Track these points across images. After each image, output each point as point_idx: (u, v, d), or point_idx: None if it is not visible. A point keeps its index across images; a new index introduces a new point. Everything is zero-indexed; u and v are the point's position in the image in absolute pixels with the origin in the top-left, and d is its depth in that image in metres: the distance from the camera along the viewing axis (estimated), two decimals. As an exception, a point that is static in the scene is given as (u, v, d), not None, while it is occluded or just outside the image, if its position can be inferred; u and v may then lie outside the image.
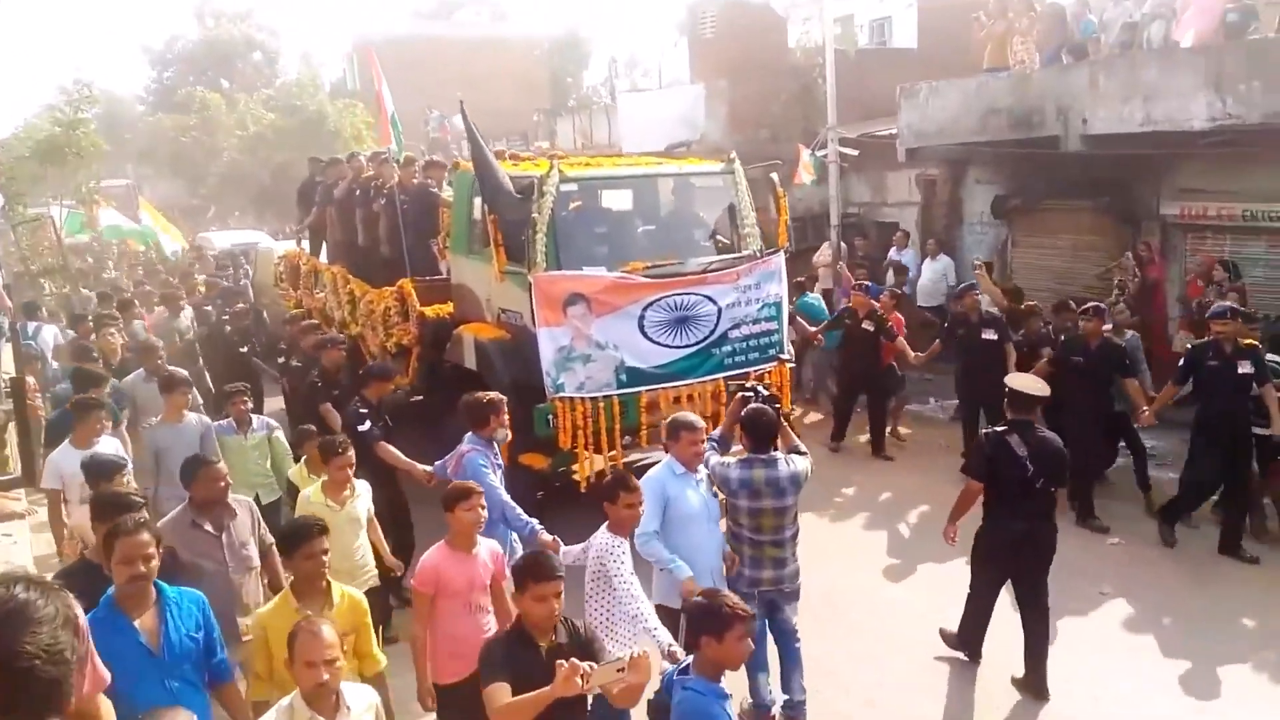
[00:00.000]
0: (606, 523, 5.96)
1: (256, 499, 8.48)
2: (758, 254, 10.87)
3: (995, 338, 11.53)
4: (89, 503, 6.05)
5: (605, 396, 10.15)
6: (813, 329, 13.47)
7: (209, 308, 14.83)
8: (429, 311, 11.76)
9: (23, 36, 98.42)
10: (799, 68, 24.00)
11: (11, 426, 10.82)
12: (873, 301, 13.08)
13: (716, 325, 10.57)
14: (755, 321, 10.83)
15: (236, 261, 20.05)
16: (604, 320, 10.12)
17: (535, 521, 7.05)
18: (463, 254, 11.47)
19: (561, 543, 6.71)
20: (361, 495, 7.23)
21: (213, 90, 44.12)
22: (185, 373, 9.09)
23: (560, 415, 10.04)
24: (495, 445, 7.68)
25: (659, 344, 10.36)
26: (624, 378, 10.25)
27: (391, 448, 8.75)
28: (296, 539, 5.32)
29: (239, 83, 47.90)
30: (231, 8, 50.35)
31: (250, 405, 9.13)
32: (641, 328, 10.28)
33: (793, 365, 11.24)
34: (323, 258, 15.07)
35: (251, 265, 19.32)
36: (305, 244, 15.63)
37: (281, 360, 11.95)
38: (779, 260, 11.02)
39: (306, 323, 11.96)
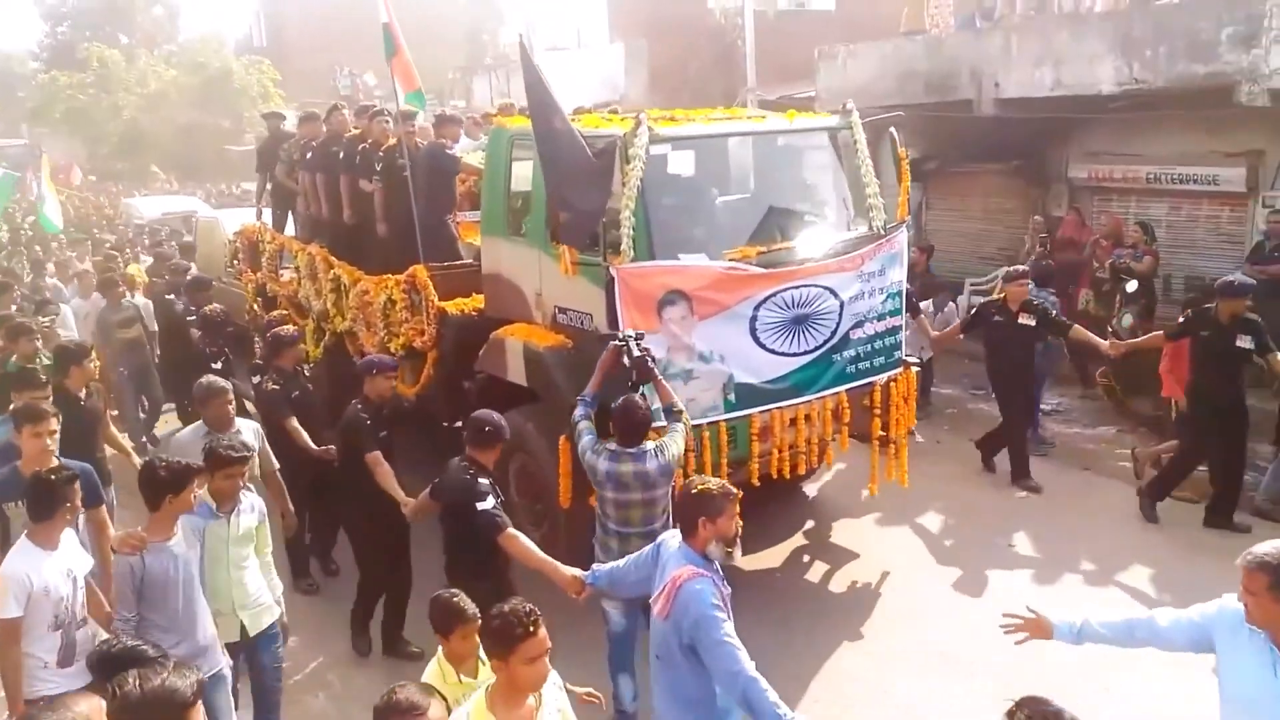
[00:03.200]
0: None
1: (243, 630, 5.38)
2: (880, 232, 8.12)
3: (1252, 346, 8.08)
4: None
5: (711, 423, 7.38)
6: (936, 331, 10.09)
7: (171, 297, 11.17)
8: (451, 307, 8.76)
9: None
10: (719, 29, 23.06)
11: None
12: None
13: (838, 325, 7.69)
14: (879, 318, 7.94)
15: (176, 235, 16.11)
16: (709, 324, 7.19)
17: (789, 712, 3.92)
18: (500, 235, 8.24)
19: None
20: (551, 694, 3.81)
21: (111, 46, 39.94)
22: (188, 462, 4.99)
23: (655, 450, 7.23)
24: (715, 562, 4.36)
25: (773, 352, 7.46)
26: (733, 398, 7.32)
27: (523, 539, 5.41)
28: None
29: (139, 38, 43.56)
30: (130, -41, 45.64)
31: (245, 477, 5.45)
32: (753, 332, 7.38)
33: (919, 368, 8.51)
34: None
35: (192, 239, 15.63)
36: (266, 216, 12.35)
37: (257, 379, 8.45)
38: (902, 239, 8.17)
39: (285, 330, 8.31)
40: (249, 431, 6.66)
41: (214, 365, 9.04)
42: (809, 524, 8.80)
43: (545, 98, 7.06)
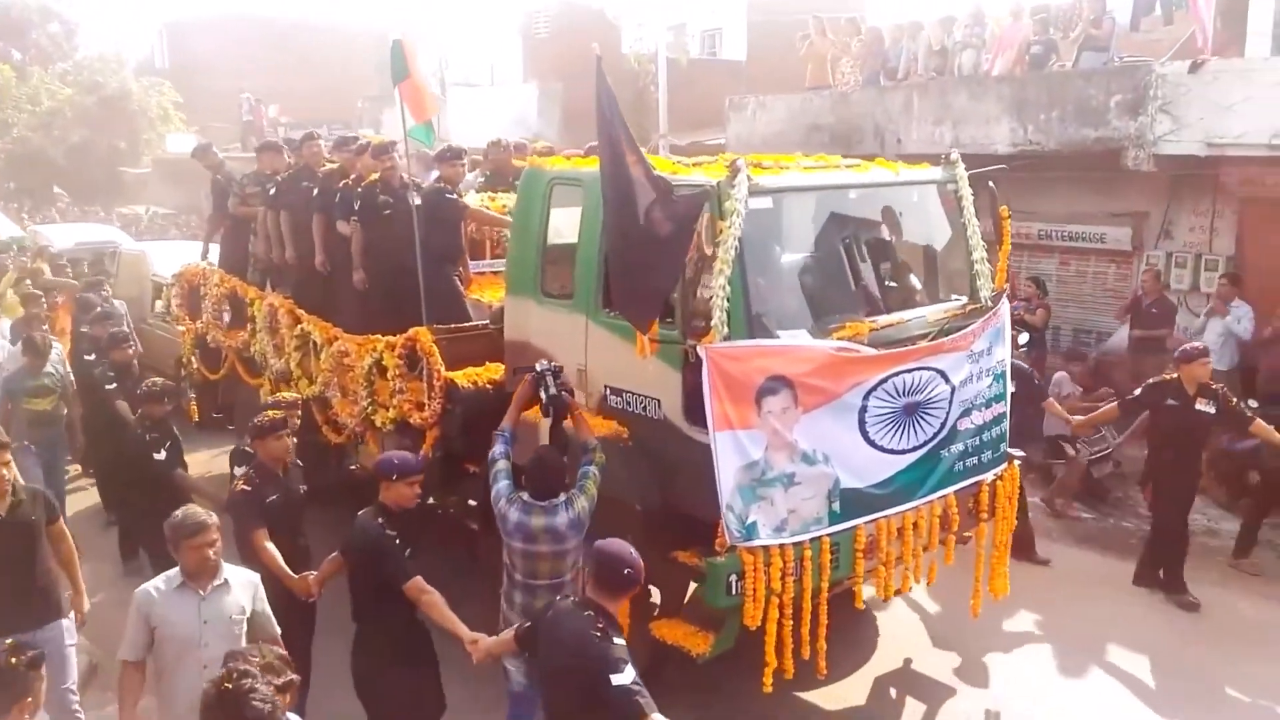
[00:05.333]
0: None
1: None
2: (988, 303, 6.59)
3: None
4: None
5: (813, 539, 5.72)
6: (1075, 417, 8.43)
7: (91, 357, 8.67)
8: (460, 378, 6.94)
9: None
10: (632, 74, 22.74)
11: None
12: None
13: (947, 414, 6.18)
14: (987, 404, 6.38)
15: (97, 269, 13.39)
16: (814, 417, 5.51)
17: None
18: (530, 296, 6.44)
19: None
20: None
21: (2, 62, 36.91)
22: None
23: (750, 576, 5.47)
24: None
25: (881, 449, 5.90)
26: (837, 507, 5.64)
27: None
28: None
29: (33, 55, 40.39)
30: (26, -27, 42.29)
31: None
32: (862, 426, 5.82)
33: (1021, 461, 6.98)
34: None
35: (113, 275, 13.09)
36: (213, 256, 10.17)
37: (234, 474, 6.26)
38: (1005, 311, 6.71)
39: (265, 419, 5.85)
40: (240, 588, 4.59)
41: (157, 454, 6.95)
42: (885, 648, 7.08)
43: (618, 132, 5.36)
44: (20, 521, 5.24)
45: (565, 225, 6.40)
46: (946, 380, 6.00)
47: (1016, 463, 6.68)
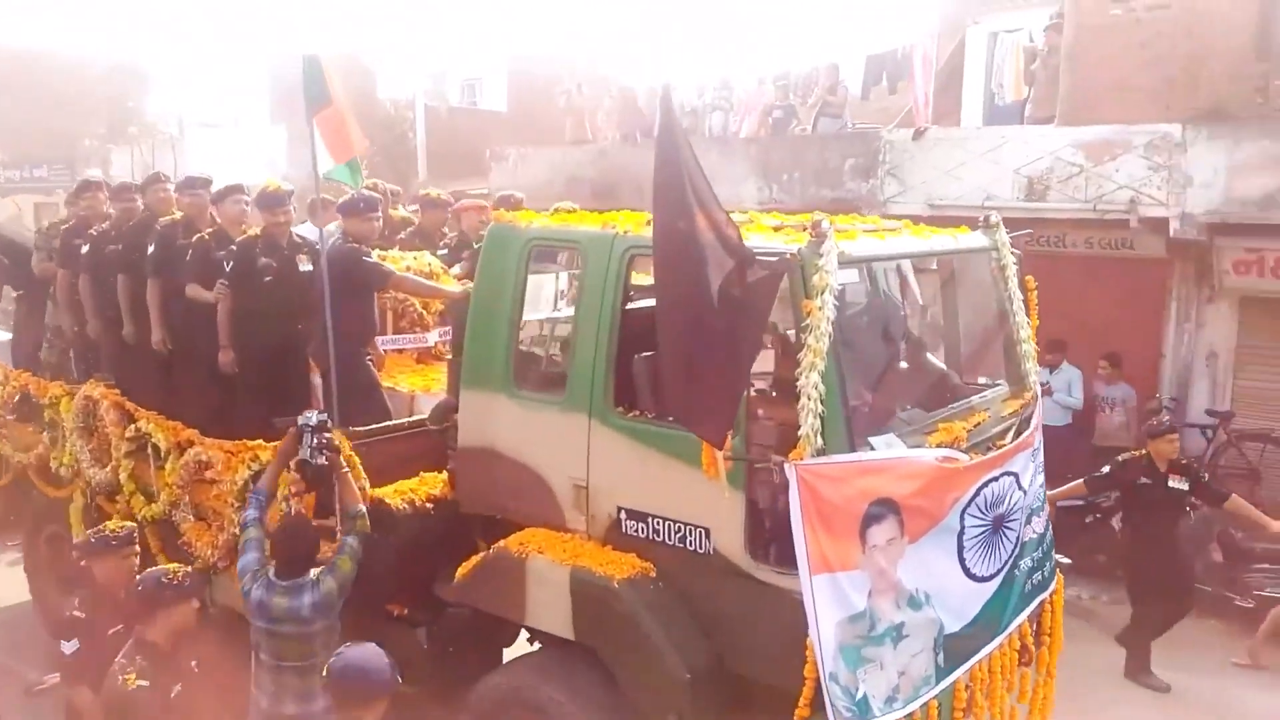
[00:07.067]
0: None
1: None
2: (1038, 390, 5.44)
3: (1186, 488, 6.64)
4: None
5: (923, 706, 4.32)
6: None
7: None
8: (391, 496, 5.10)
9: None
10: (389, 119, 22.26)
11: None
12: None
13: (1020, 525, 5.03)
14: (1041, 507, 5.33)
15: None
16: (918, 548, 4.19)
17: None
18: (500, 390, 4.68)
19: None
20: None
21: None
22: None
23: (861, 764, 4.03)
24: None
25: (973, 577, 4.65)
26: (941, 659, 4.36)
27: None
28: None
29: None
30: None
31: None
32: (960, 552, 4.52)
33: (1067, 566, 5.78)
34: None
35: None
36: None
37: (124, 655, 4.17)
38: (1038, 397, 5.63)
39: (165, 576, 4.14)
40: None
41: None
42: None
43: (687, 183, 3.85)
44: None
45: (545, 298, 4.79)
46: (1019, 485, 4.80)
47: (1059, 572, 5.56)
